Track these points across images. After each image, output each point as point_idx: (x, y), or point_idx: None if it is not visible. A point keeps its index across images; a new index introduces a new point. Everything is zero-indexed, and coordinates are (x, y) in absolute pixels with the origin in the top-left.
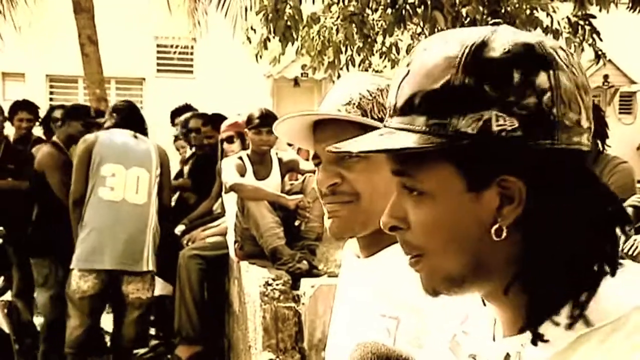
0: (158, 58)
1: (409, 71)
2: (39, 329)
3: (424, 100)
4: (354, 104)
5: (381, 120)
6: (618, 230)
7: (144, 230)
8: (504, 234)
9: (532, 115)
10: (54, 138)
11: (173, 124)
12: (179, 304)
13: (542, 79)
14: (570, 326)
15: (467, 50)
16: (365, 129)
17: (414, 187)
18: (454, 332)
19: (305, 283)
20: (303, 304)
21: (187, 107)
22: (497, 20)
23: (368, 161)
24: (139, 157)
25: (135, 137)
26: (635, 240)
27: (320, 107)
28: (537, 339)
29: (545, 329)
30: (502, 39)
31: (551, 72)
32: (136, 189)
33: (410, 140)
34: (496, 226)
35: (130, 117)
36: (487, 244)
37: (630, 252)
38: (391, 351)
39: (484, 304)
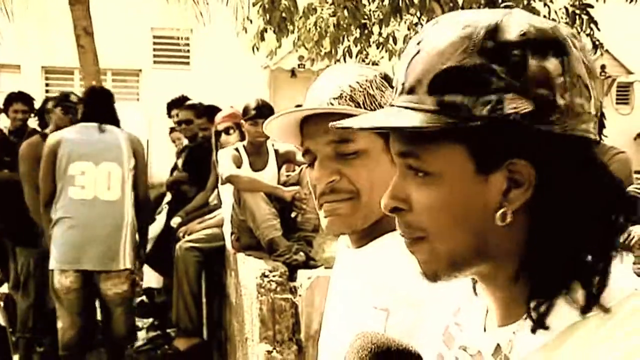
0: (154, 49)
1: (419, 50)
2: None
3: (436, 80)
4: (346, 97)
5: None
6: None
7: (120, 228)
8: (509, 219)
9: (545, 100)
10: (47, 130)
11: (169, 115)
12: (176, 297)
13: (556, 64)
14: (582, 312)
15: (482, 32)
16: None
17: (420, 168)
18: (447, 323)
19: (302, 274)
20: (300, 295)
21: (183, 99)
22: (509, 4)
23: (367, 156)
24: (108, 152)
25: (102, 129)
26: (631, 230)
27: (307, 102)
28: (538, 326)
29: (546, 315)
30: (517, 22)
31: (565, 57)
32: (108, 185)
33: (420, 120)
34: (502, 210)
35: (97, 108)
36: (491, 228)
37: (626, 242)
38: (391, 341)
39: (476, 294)
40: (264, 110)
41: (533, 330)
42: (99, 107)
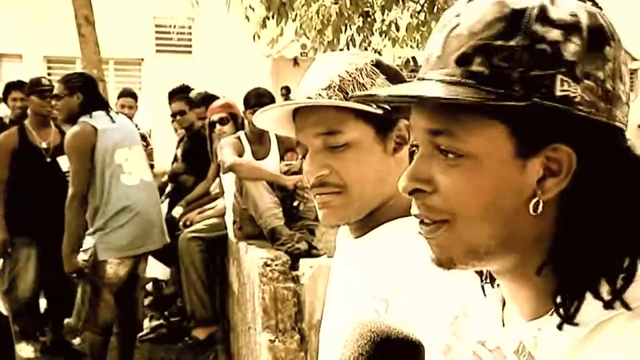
0: (157, 38)
1: (459, 23)
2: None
3: (481, 54)
4: (334, 87)
5: (361, 102)
6: None
7: (159, 203)
8: (540, 209)
9: (595, 85)
10: (25, 121)
11: (170, 104)
12: (187, 288)
13: (608, 49)
14: (605, 308)
15: (535, 11)
16: (348, 111)
17: (453, 147)
18: (455, 314)
19: (304, 263)
20: (302, 284)
21: (184, 88)
22: None
23: (358, 147)
24: (133, 135)
25: (110, 116)
26: None
27: (299, 91)
28: (566, 322)
29: (575, 312)
30: (566, 2)
31: (613, 43)
32: (143, 166)
33: (464, 93)
34: (535, 199)
35: (97, 95)
36: (520, 217)
37: None
38: (391, 329)
39: (485, 295)
40: (264, 99)
41: (559, 327)
42: (98, 94)
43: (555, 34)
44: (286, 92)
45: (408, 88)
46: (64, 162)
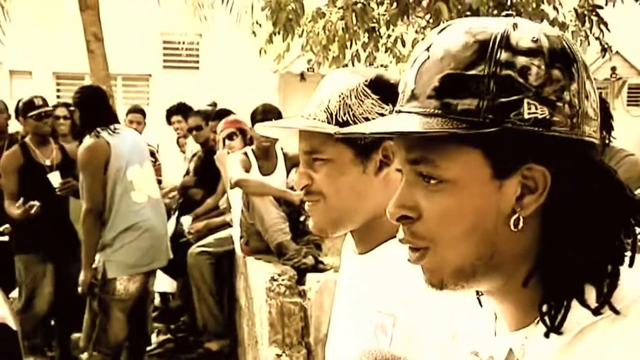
0: (164, 54)
1: (429, 56)
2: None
3: (449, 84)
4: (323, 108)
5: (344, 124)
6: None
7: (165, 221)
8: (521, 225)
9: (561, 105)
10: (26, 139)
11: (169, 122)
12: (198, 302)
13: (571, 70)
14: (594, 314)
15: (497, 37)
16: (328, 134)
17: (433, 174)
18: (455, 328)
19: (311, 278)
20: (309, 299)
21: (182, 106)
22: (509, 13)
23: (332, 164)
24: (143, 151)
25: (117, 131)
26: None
27: (306, 107)
28: (552, 330)
29: (563, 319)
30: (528, 29)
31: (575, 64)
32: (152, 184)
33: (436, 125)
34: (515, 216)
35: (106, 110)
36: (502, 235)
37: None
38: (396, 358)
39: (481, 305)
40: (268, 115)
41: (546, 335)
42: (108, 108)
43: (519, 60)
44: None
45: (386, 124)
46: (54, 179)
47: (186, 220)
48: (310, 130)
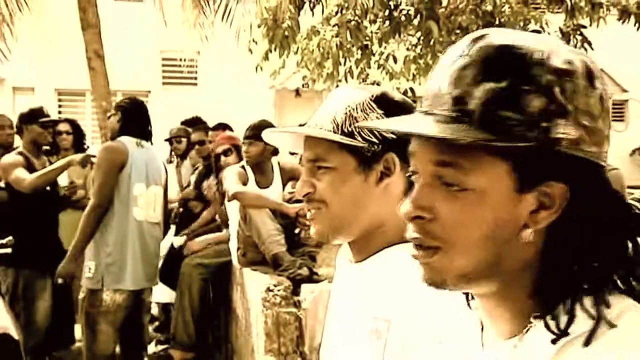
0: (163, 71)
1: (469, 62)
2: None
3: (489, 94)
4: (329, 119)
5: (349, 134)
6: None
7: (159, 247)
8: (531, 237)
9: (589, 128)
10: (20, 147)
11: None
12: (176, 310)
13: (600, 92)
14: (595, 324)
15: (535, 56)
16: (333, 142)
17: (458, 180)
18: (445, 334)
19: (306, 289)
20: (304, 309)
21: (182, 127)
22: (536, 29)
23: (335, 172)
24: (155, 174)
25: (141, 145)
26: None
27: (312, 118)
28: (560, 337)
29: (567, 327)
30: (565, 51)
31: (603, 87)
32: (154, 208)
33: (471, 133)
34: (529, 230)
35: (138, 120)
36: (510, 245)
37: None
38: None
39: (470, 307)
40: (253, 132)
41: (553, 342)
42: (140, 119)
43: (552, 79)
44: None
45: (416, 124)
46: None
47: (177, 241)
48: (319, 136)
